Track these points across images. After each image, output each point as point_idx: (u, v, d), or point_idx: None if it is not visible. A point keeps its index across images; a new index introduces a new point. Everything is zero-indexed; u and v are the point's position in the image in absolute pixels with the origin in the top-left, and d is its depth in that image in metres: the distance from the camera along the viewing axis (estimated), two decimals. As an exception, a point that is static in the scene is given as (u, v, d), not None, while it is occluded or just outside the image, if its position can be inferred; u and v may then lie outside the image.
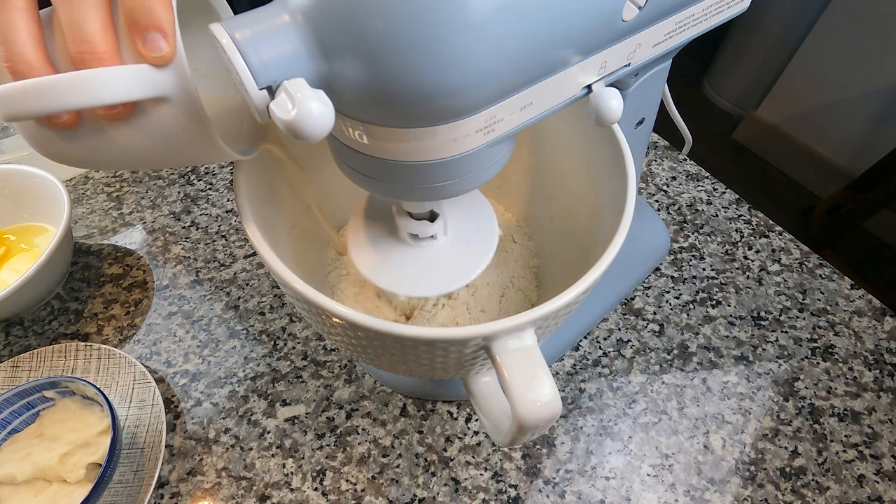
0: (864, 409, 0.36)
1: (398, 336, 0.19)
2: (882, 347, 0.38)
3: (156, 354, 0.39)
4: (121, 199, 0.49)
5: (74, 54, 0.15)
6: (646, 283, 0.42)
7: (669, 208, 0.47)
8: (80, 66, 0.15)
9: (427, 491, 0.33)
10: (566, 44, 0.17)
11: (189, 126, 0.16)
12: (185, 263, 0.44)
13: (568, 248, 0.34)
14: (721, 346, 0.39)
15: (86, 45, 0.15)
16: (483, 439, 0.35)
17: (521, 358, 0.19)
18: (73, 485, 0.31)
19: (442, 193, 0.20)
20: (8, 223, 0.44)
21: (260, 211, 0.25)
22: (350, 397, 0.36)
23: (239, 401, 0.36)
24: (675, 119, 0.39)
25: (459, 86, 0.15)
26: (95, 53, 0.15)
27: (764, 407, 0.36)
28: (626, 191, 0.23)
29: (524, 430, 0.19)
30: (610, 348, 0.39)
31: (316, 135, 0.14)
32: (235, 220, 0.47)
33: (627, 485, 0.33)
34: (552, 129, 0.32)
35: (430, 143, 0.17)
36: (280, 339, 0.39)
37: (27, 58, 0.16)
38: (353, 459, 0.34)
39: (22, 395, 0.32)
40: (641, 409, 0.36)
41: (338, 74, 0.15)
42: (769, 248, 0.44)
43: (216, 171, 0.51)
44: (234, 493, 0.33)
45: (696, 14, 0.22)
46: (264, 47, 0.14)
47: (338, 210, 0.38)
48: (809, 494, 0.32)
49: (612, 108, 0.19)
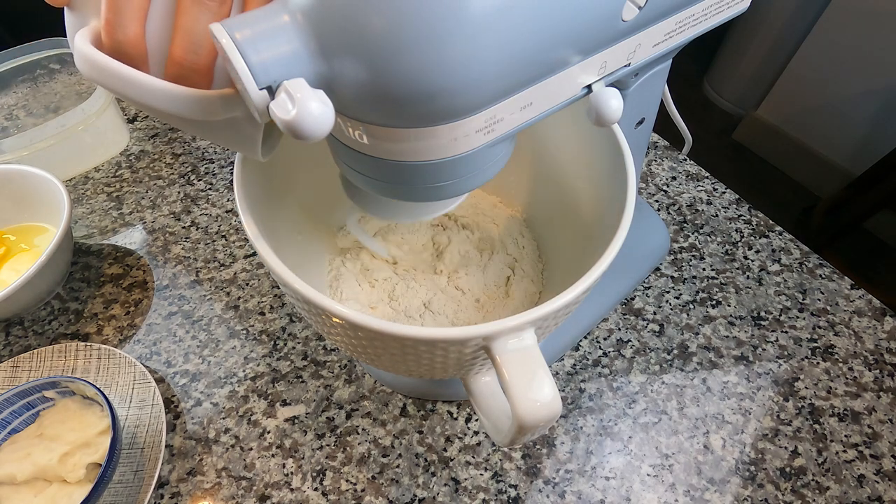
0: (864, 409, 0.36)
1: (398, 336, 0.19)
2: (882, 347, 0.38)
3: (156, 354, 0.39)
4: (121, 199, 0.49)
5: (178, 57, 0.16)
6: (646, 283, 0.42)
7: (669, 208, 0.47)
8: (177, 70, 0.17)
9: (427, 491, 0.33)
10: (566, 44, 0.17)
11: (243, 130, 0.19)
12: (185, 263, 0.44)
13: (568, 248, 0.34)
14: (721, 346, 0.39)
15: (193, 56, 0.16)
16: (483, 439, 0.35)
17: (521, 358, 0.19)
18: (73, 485, 0.31)
19: (442, 193, 0.20)
20: (8, 223, 0.44)
21: (260, 211, 0.25)
22: (350, 397, 0.36)
23: (239, 401, 0.36)
24: (675, 119, 0.39)
25: (459, 86, 0.15)
26: (197, 66, 0.17)
27: (764, 407, 0.36)
28: (626, 191, 0.23)
29: (524, 430, 0.19)
30: (610, 348, 0.39)
31: (316, 135, 0.14)
32: (235, 220, 0.47)
33: (627, 485, 0.33)
34: (552, 129, 0.32)
35: (431, 143, 0.17)
36: (280, 339, 0.39)
37: (128, 32, 0.16)
38: (353, 459, 0.34)
39: (22, 395, 0.32)
40: (641, 409, 0.36)
41: (338, 74, 0.15)
42: (769, 248, 0.44)
43: (216, 171, 0.51)
44: (234, 493, 0.33)
45: (696, 14, 0.22)
46: (264, 47, 0.14)
47: (337, 210, 0.38)
48: (809, 494, 0.32)
49: (612, 108, 0.19)
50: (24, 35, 0.53)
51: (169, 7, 0.17)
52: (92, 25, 0.17)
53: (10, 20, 0.76)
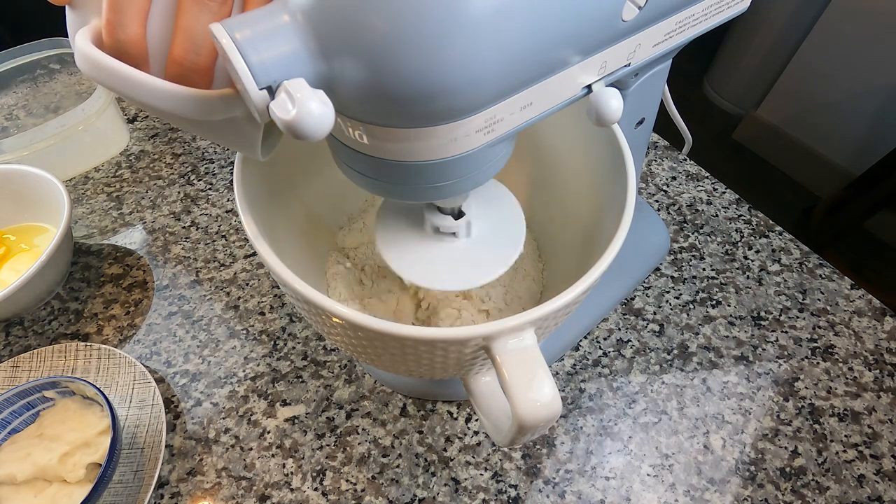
0: (864, 409, 0.36)
1: (398, 336, 0.19)
2: (882, 347, 0.38)
3: (156, 354, 0.39)
4: (121, 199, 0.49)
5: (179, 57, 0.16)
6: (646, 283, 0.42)
7: (669, 208, 0.47)
8: (177, 70, 0.17)
9: (427, 491, 0.33)
10: (566, 44, 0.17)
11: (243, 129, 0.19)
12: (185, 263, 0.44)
13: (568, 248, 0.34)
14: (721, 346, 0.39)
15: (193, 56, 0.16)
16: (483, 439, 0.35)
17: (521, 358, 0.19)
18: (73, 485, 0.31)
19: (442, 193, 0.20)
20: (8, 223, 0.44)
21: (260, 211, 0.25)
22: (350, 397, 0.36)
23: (239, 401, 0.36)
24: (675, 119, 0.39)
25: (459, 86, 0.15)
26: (197, 66, 0.17)
27: (764, 407, 0.36)
28: (626, 191, 0.23)
29: (524, 430, 0.19)
30: (610, 348, 0.39)
31: (316, 135, 0.14)
32: (235, 220, 0.47)
33: (627, 485, 0.33)
34: (552, 129, 0.32)
35: (431, 143, 0.17)
36: (280, 339, 0.39)
37: (129, 31, 0.16)
38: (353, 459, 0.34)
39: (22, 395, 0.32)
40: (641, 409, 0.36)
41: (338, 74, 0.15)
42: (769, 248, 0.44)
43: (216, 171, 0.51)
44: (234, 493, 0.33)
45: (696, 14, 0.22)
46: (264, 47, 0.14)
47: (337, 210, 0.38)
48: (809, 494, 0.32)
49: (613, 108, 0.19)
50: (24, 35, 0.53)
51: (170, 7, 0.17)
52: (93, 24, 0.17)
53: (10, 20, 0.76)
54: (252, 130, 0.19)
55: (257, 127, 0.19)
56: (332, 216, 0.38)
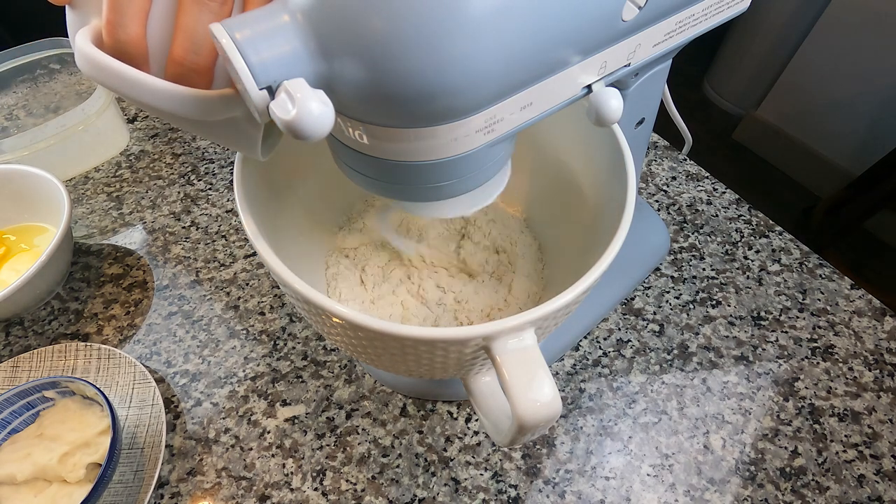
0: (864, 409, 0.36)
1: (398, 336, 0.19)
2: (882, 347, 0.38)
3: (156, 354, 0.39)
4: (121, 199, 0.49)
5: (179, 57, 0.16)
6: (646, 283, 0.42)
7: (669, 208, 0.47)
8: (177, 70, 0.17)
9: (427, 491, 0.33)
10: (566, 44, 0.17)
11: (243, 129, 0.19)
12: (185, 263, 0.44)
13: (568, 248, 0.34)
14: (721, 346, 0.39)
15: (193, 56, 0.16)
16: (483, 439, 0.35)
17: (521, 358, 0.19)
18: (73, 485, 0.31)
19: (442, 193, 0.20)
20: (8, 223, 0.44)
21: (260, 211, 0.25)
22: (350, 397, 0.36)
23: (239, 401, 0.36)
24: (675, 119, 0.39)
25: (459, 86, 0.15)
26: (197, 66, 0.17)
27: (764, 407, 0.36)
28: (626, 191, 0.23)
29: (524, 430, 0.19)
30: (610, 348, 0.39)
31: (316, 135, 0.14)
32: (235, 220, 0.47)
33: (627, 485, 0.33)
34: (552, 129, 0.32)
35: (431, 143, 0.17)
36: (280, 339, 0.39)
37: (130, 31, 0.16)
38: (353, 459, 0.34)
39: (22, 395, 0.32)
40: (641, 409, 0.36)
41: (338, 74, 0.15)
42: (769, 248, 0.44)
43: (216, 171, 0.51)
44: (234, 493, 0.33)
45: (696, 14, 0.22)
46: (264, 47, 0.14)
47: (337, 210, 0.38)
48: (809, 494, 0.32)
49: (612, 108, 0.19)
50: (24, 35, 0.53)
51: (170, 7, 0.17)
52: (93, 24, 0.17)
53: (10, 20, 0.76)
54: (252, 130, 0.19)
55: (257, 127, 0.19)
56: (332, 216, 0.38)
